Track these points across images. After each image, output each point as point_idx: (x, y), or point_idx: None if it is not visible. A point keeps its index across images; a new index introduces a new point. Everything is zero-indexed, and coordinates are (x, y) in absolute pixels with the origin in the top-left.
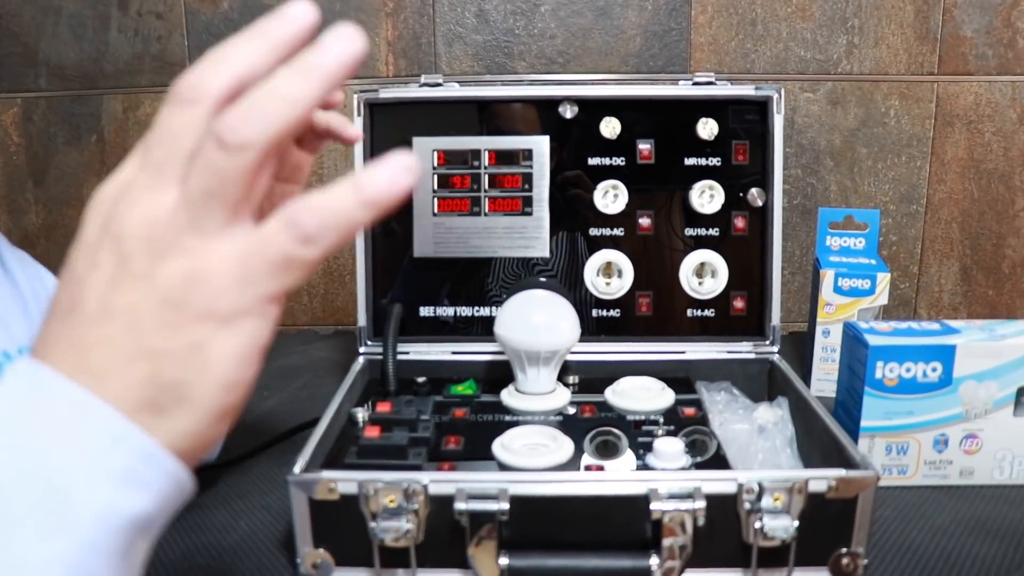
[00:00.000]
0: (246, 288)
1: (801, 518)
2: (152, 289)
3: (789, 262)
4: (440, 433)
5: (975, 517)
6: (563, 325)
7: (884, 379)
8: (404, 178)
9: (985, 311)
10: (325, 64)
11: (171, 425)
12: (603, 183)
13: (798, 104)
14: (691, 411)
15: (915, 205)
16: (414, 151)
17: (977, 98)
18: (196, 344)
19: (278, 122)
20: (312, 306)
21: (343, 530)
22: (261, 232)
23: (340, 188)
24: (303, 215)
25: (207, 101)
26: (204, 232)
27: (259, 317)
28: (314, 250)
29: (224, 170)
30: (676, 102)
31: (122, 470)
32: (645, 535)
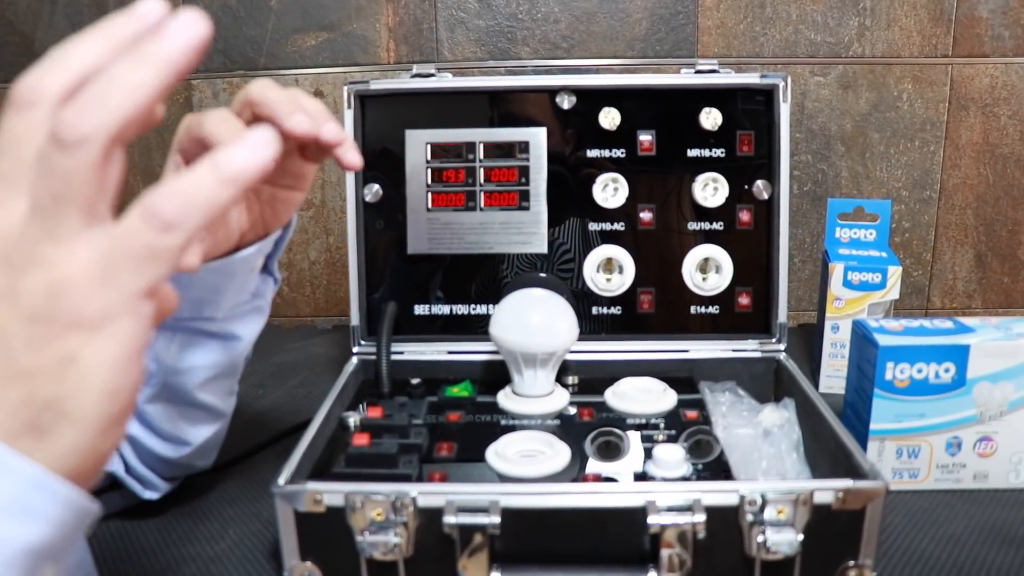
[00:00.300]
0: (112, 289)
1: (806, 530)
2: (15, 307)
3: (799, 250)
4: (433, 439)
5: (989, 523)
6: (560, 325)
7: (895, 380)
8: (263, 151)
9: (1000, 299)
10: (165, 51)
11: (56, 445)
12: (603, 176)
13: (808, 88)
14: (693, 414)
15: (928, 191)
16: (407, 144)
17: (993, 80)
18: (68, 356)
19: (117, 113)
20: (315, 297)
21: (331, 543)
22: (120, 227)
23: (198, 169)
24: (161, 202)
25: (46, 102)
26: (59, 238)
27: (132, 316)
28: (177, 237)
29: (68, 170)
30: (678, 91)
31: (8, 501)
32: (643, 549)
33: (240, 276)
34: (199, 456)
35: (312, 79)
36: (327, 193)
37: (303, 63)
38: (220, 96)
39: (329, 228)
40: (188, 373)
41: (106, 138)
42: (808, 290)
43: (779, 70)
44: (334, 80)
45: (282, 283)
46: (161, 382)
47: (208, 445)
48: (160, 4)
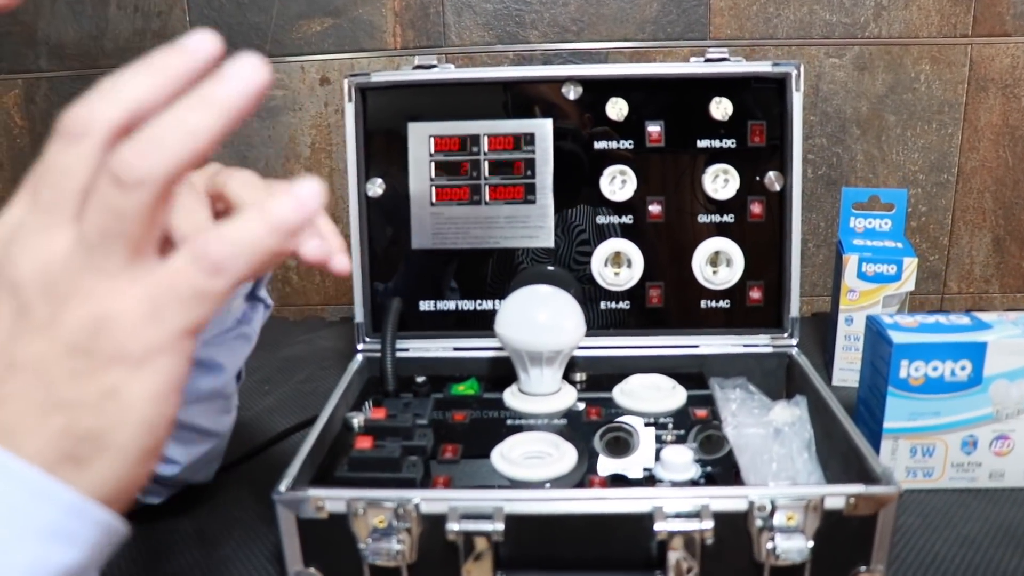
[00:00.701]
0: (156, 326)
1: (817, 535)
2: (57, 338)
3: (814, 235)
4: (438, 440)
5: (1005, 524)
6: (567, 323)
7: (909, 378)
8: (311, 202)
9: (1019, 283)
10: (226, 96)
11: (94, 474)
12: (610, 168)
13: (823, 70)
14: (703, 413)
15: (946, 174)
16: (410, 137)
17: (1014, 60)
18: (109, 390)
19: (176, 157)
20: (324, 285)
21: (334, 548)
22: (168, 267)
23: (247, 215)
24: (211, 246)
25: (97, 135)
26: (105, 273)
27: (173, 354)
28: (224, 281)
29: (121, 209)
30: (687, 80)
31: (48, 526)
32: (649, 554)
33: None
34: (192, 472)
35: (318, 65)
36: (335, 181)
37: (308, 50)
38: None
39: (338, 216)
40: None
41: (164, 181)
42: (823, 275)
43: (793, 52)
44: (340, 66)
45: (292, 272)
46: None
47: (199, 463)
48: (211, 39)
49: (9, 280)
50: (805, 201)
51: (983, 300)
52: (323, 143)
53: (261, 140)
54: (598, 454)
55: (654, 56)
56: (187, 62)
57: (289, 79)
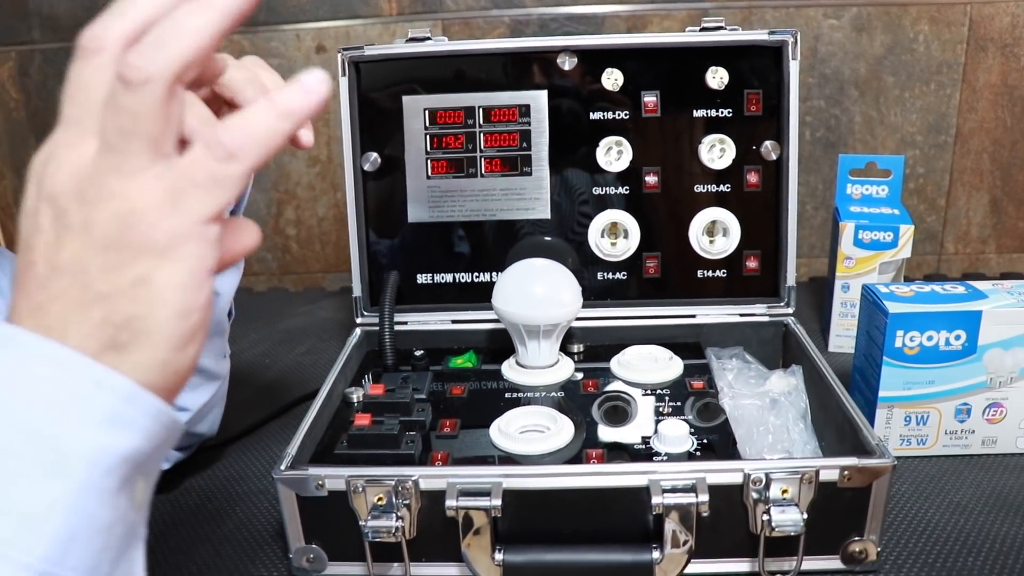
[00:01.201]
0: (178, 215)
1: (812, 506)
2: (90, 237)
3: (812, 197)
4: (436, 415)
5: (996, 491)
6: (564, 296)
7: (904, 348)
8: (318, 89)
9: (1015, 244)
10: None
11: (136, 360)
12: (606, 139)
13: (821, 32)
14: (700, 384)
15: (944, 136)
16: (404, 111)
17: (1014, 19)
18: (140, 279)
19: (180, 53)
20: (324, 253)
21: (334, 525)
22: (184, 159)
23: (257, 105)
24: (223, 133)
25: (111, 49)
26: (128, 172)
27: (198, 240)
28: (240, 165)
29: (134, 108)
30: (683, 50)
31: (105, 412)
32: (646, 528)
33: None
34: (199, 421)
35: (313, 33)
36: (333, 149)
37: (303, 17)
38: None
39: (336, 184)
40: None
41: (169, 77)
42: (820, 237)
43: (791, 13)
44: (335, 34)
45: (292, 241)
46: None
47: (206, 409)
48: None
49: (48, 192)
50: (803, 163)
51: (980, 261)
52: (320, 111)
53: None
54: (596, 423)
55: (651, 19)
56: None
57: (284, 47)
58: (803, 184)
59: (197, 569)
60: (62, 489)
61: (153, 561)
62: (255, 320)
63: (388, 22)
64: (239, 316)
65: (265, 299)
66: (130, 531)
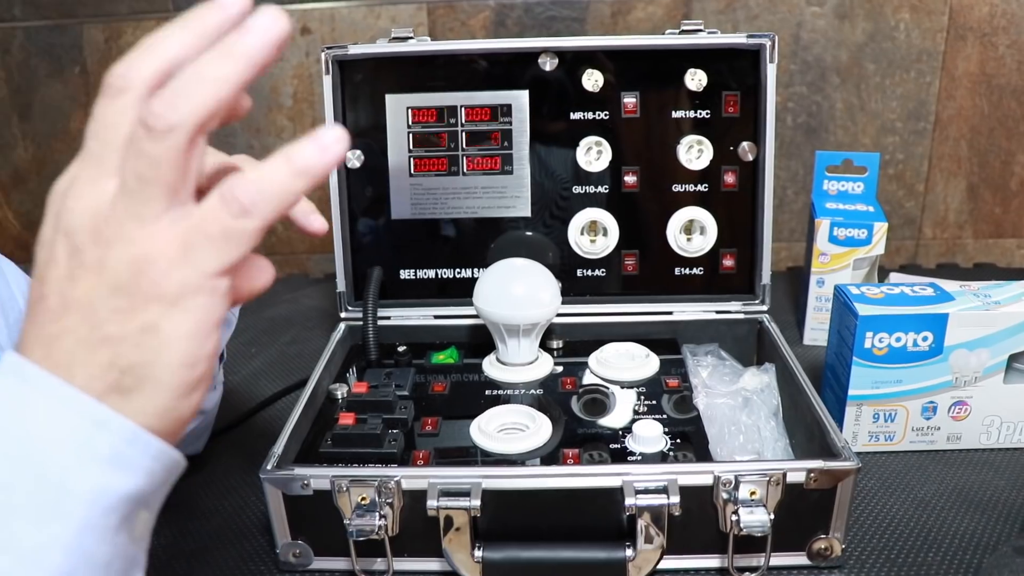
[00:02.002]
0: (190, 267)
1: (779, 507)
2: (102, 278)
3: (792, 182)
4: (418, 413)
5: (959, 487)
6: (543, 296)
7: (873, 349)
8: (334, 148)
9: (991, 229)
10: (247, 45)
11: (139, 405)
12: (586, 139)
13: (804, 19)
14: (674, 382)
15: (923, 122)
16: (388, 109)
17: (992, 9)
18: (149, 326)
19: (202, 104)
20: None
21: (320, 522)
22: (200, 210)
23: (273, 161)
24: (238, 189)
25: (136, 89)
26: (144, 218)
27: (209, 293)
28: (253, 222)
29: (154, 155)
30: (662, 52)
31: (108, 453)
32: (620, 526)
33: None
34: (187, 446)
35: (299, 14)
36: None
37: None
38: None
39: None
40: None
41: (192, 127)
42: (801, 221)
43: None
44: (320, 16)
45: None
46: None
47: (186, 440)
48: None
49: (65, 226)
50: (784, 149)
51: (957, 246)
52: (305, 93)
53: None
54: (575, 420)
55: (635, 4)
56: (220, 18)
57: None
58: (784, 169)
59: (187, 562)
60: (61, 528)
61: None
62: (240, 308)
63: (372, 4)
64: None
65: None
66: (129, 564)
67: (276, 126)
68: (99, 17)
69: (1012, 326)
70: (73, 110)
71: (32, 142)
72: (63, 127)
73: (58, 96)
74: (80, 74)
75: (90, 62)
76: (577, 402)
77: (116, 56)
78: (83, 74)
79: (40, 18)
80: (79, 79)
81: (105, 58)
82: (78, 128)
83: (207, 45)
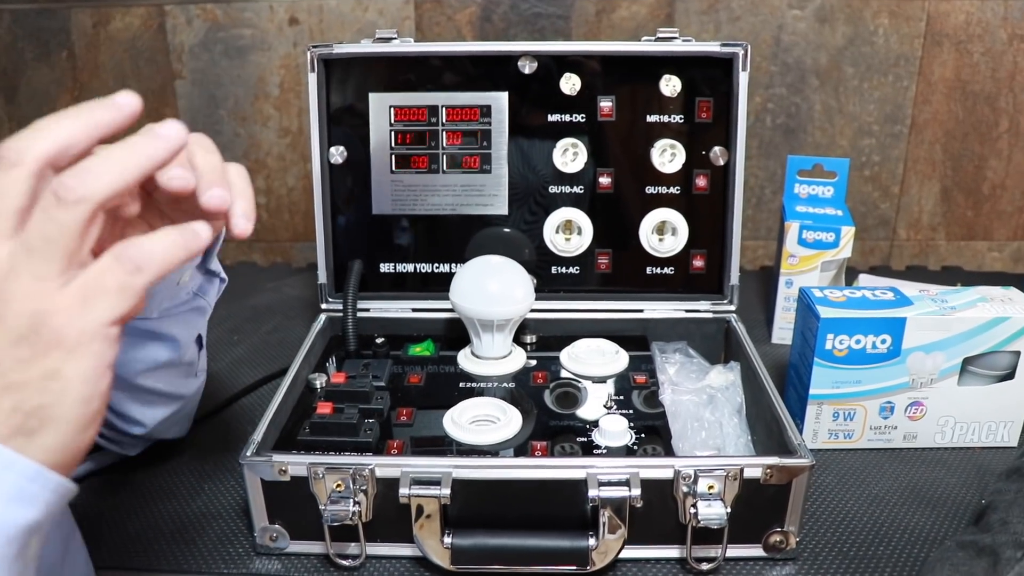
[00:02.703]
0: (87, 317)
1: (736, 500)
2: (4, 332)
3: (771, 181)
4: (394, 403)
5: (912, 484)
6: (516, 293)
7: (834, 350)
8: (204, 234)
9: (963, 231)
10: (151, 148)
11: (42, 443)
12: (563, 140)
13: (785, 21)
14: (642, 379)
15: (899, 126)
16: (371, 107)
17: (968, 17)
18: (51, 372)
19: (108, 184)
20: (293, 222)
21: (296, 507)
22: (96, 267)
23: (163, 232)
24: (131, 249)
25: (29, 164)
26: (43, 276)
27: (103, 340)
28: (144, 278)
29: (61, 221)
30: (638, 58)
31: (11, 491)
32: (584, 515)
33: (166, 281)
34: (164, 431)
35: (287, 5)
36: (303, 121)
37: None
38: (193, 23)
39: (306, 155)
40: (126, 365)
41: (96, 202)
42: (778, 220)
43: (756, 2)
44: (308, 7)
45: (261, 210)
46: None
47: (167, 423)
48: (135, 98)
49: None
50: (763, 148)
51: (930, 247)
52: (292, 83)
53: (230, 79)
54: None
55: (619, 3)
56: (109, 115)
57: (258, 18)
58: (763, 169)
59: (165, 544)
60: None
61: (122, 539)
62: (224, 295)
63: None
64: None
65: (234, 273)
66: None
67: (263, 115)
68: (87, 2)
69: (967, 331)
70: (60, 94)
71: (18, 125)
72: (49, 110)
73: (45, 80)
74: (67, 58)
75: (78, 47)
76: (550, 395)
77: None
78: (70, 58)
79: (28, 1)
80: (66, 63)
81: (93, 43)
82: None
83: (96, 135)
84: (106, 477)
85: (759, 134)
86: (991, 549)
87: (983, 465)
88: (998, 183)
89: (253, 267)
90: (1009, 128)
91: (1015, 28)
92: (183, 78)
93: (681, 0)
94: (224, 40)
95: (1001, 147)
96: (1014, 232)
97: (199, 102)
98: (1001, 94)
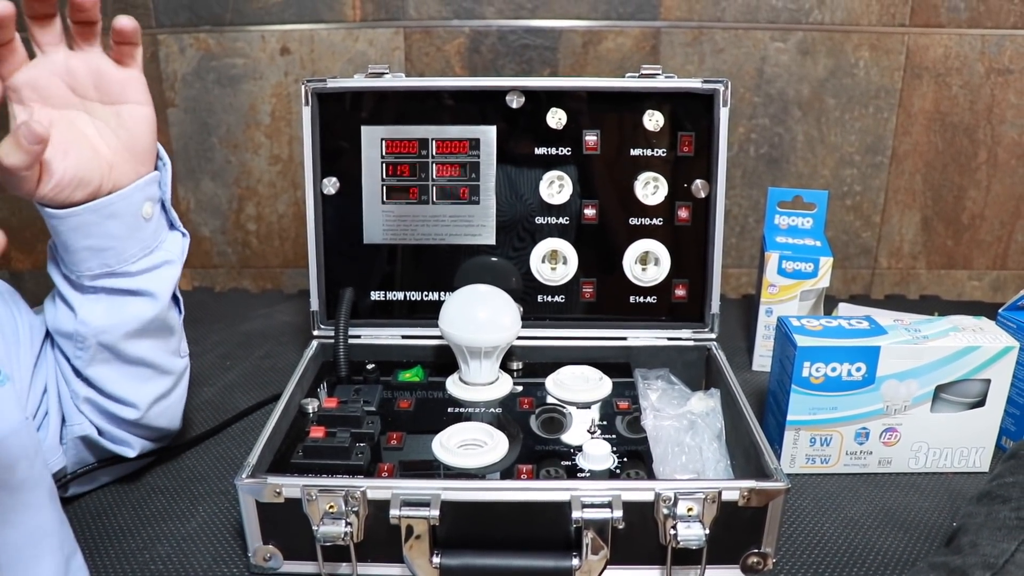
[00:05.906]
0: None
1: (714, 522)
2: None
3: (754, 210)
4: (384, 428)
5: (887, 507)
6: (504, 320)
7: (811, 377)
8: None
9: (943, 260)
10: None
11: None
12: (549, 173)
13: (768, 53)
14: (625, 404)
15: (880, 156)
16: (363, 140)
17: (947, 51)
18: None
19: None
20: (284, 249)
21: (290, 528)
22: None
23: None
24: None
25: None
26: None
27: None
28: None
29: None
30: (623, 94)
31: None
32: (568, 536)
33: (128, 218)
34: (158, 417)
35: (279, 35)
36: (294, 149)
37: (269, 19)
38: (186, 51)
39: (296, 182)
40: (113, 329)
41: None
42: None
43: (740, 35)
44: (300, 37)
45: (252, 236)
46: (94, 343)
47: (160, 407)
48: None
49: None
50: (747, 178)
51: (910, 276)
52: (283, 112)
53: (222, 107)
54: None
55: (605, 35)
56: None
57: (250, 48)
58: (746, 198)
59: (162, 564)
60: None
61: (119, 557)
62: (216, 321)
63: (352, 28)
64: (201, 316)
65: (225, 300)
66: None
67: (254, 142)
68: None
69: (939, 359)
70: None
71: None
72: None
73: None
74: None
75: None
76: (535, 420)
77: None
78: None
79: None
80: None
81: None
82: None
83: None
84: (105, 500)
85: (742, 164)
86: (961, 570)
87: (955, 489)
88: (977, 213)
89: (245, 294)
90: (988, 159)
91: (992, 62)
92: (175, 106)
93: (666, 32)
94: (216, 69)
95: (980, 178)
96: (993, 261)
97: (191, 129)
98: (979, 126)
